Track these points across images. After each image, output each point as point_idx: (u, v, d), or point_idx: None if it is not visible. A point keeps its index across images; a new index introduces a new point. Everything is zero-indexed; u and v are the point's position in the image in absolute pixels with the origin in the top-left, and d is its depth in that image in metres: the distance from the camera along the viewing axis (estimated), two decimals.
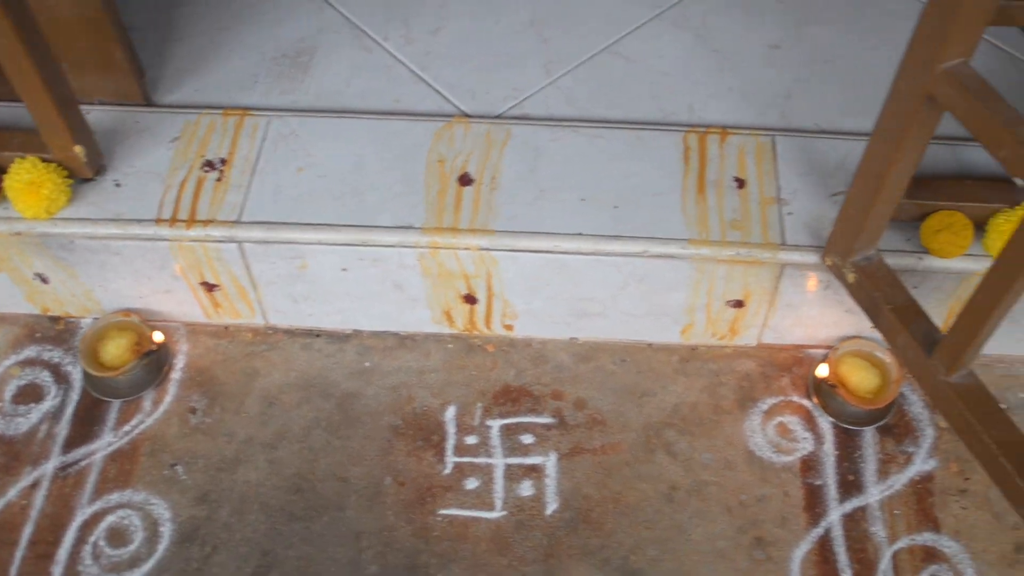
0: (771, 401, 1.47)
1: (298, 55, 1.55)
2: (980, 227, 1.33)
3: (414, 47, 1.56)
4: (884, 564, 1.33)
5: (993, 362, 1.51)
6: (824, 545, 1.35)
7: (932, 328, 1.21)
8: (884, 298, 1.22)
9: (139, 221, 1.35)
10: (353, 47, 1.56)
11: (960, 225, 1.31)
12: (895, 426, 1.45)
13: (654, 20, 1.61)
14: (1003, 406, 1.47)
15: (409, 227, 1.34)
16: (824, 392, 1.45)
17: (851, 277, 1.27)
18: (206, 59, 1.54)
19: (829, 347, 1.49)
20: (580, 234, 1.34)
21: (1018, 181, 0.97)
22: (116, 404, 1.45)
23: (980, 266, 1.34)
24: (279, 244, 1.35)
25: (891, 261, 1.33)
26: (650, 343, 1.51)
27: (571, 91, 1.51)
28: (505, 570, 1.32)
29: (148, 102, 1.48)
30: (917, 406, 1.47)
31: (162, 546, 1.34)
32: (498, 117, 1.48)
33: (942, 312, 1.42)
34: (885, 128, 1.10)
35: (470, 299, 1.44)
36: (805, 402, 1.46)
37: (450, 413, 1.45)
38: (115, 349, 1.44)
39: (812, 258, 1.33)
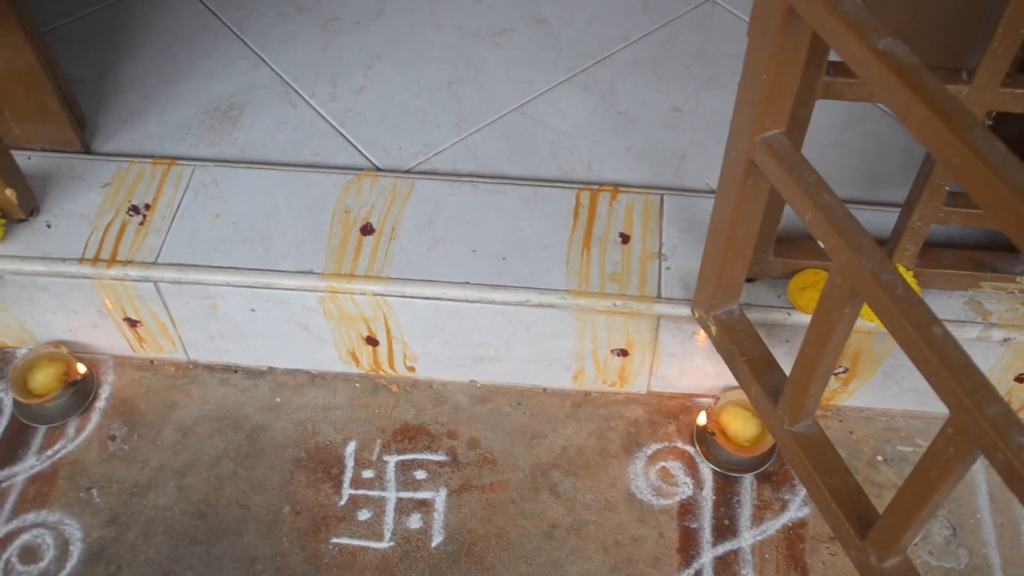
0: (656, 447, 1.54)
1: (229, 109, 1.67)
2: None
3: (337, 104, 1.68)
4: None
5: (876, 416, 1.58)
6: None
7: (782, 380, 1.28)
8: (740, 350, 1.30)
9: (64, 260, 1.46)
10: (281, 103, 1.68)
11: (824, 283, 1.39)
12: (774, 474, 1.51)
13: (564, 83, 1.71)
14: (880, 457, 1.54)
15: (309, 272, 1.44)
16: (706, 440, 1.52)
17: (713, 330, 1.35)
18: (144, 111, 1.67)
19: (716, 396, 1.56)
20: (467, 283, 1.43)
21: (820, 243, 1.05)
22: (42, 430, 1.56)
23: None
24: (190, 284, 1.46)
25: (762, 316, 1.41)
26: (545, 388, 1.59)
27: (478, 148, 1.61)
28: None
29: (87, 150, 1.60)
30: None
31: (70, 564, 1.44)
32: (407, 172, 1.58)
33: None
34: (722, 191, 1.19)
35: (372, 341, 1.53)
36: (688, 448, 1.53)
37: (351, 448, 1.54)
38: (43, 378, 1.55)
39: (684, 311, 1.41)
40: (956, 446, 0.88)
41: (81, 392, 1.57)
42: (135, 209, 1.52)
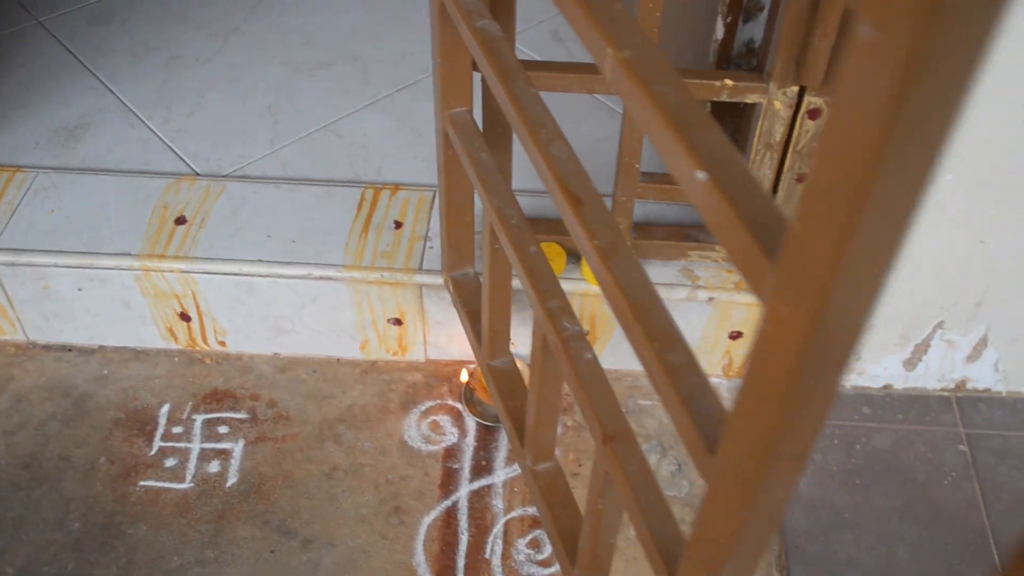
0: (429, 404, 1.79)
1: (75, 128, 1.95)
2: (579, 257, 1.69)
3: (170, 125, 1.97)
4: (497, 528, 1.63)
5: (623, 376, 1.84)
6: (450, 514, 1.65)
7: None
8: (463, 303, 1.57)
9: None
10: (122, 124, 1.97)
11: (554, 253, 1.68)
12: None
13: (368, 107, 2.02)
14: (624, 411, 1.80)
15: (127, 254, 1.70)
16: (471, 396, 1.77)
17: (451, 288, 1.62)
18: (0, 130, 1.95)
19: None
20: (260, 260, 1.70)
21: (478, 196, 1.32)
22: None
23: (578, 288, 1.69)
24: (24, 266, 1.71)
25: None
26: (338, 358, 1.84)
27: (287, 159, 1.90)
28: (183, 527, 1.62)
29: None
30: None
31: None
32: (222, 176, 1.86)
33: None
34: (437, 162, 1.48)
35: (185, 316, 1.78)
36: (457, 405, 1.79)
37: (164, 409, 1.78)
38: None
39: (440, 279, 1.68)
40: (539, 340, 1.15)
41: None
42: None
